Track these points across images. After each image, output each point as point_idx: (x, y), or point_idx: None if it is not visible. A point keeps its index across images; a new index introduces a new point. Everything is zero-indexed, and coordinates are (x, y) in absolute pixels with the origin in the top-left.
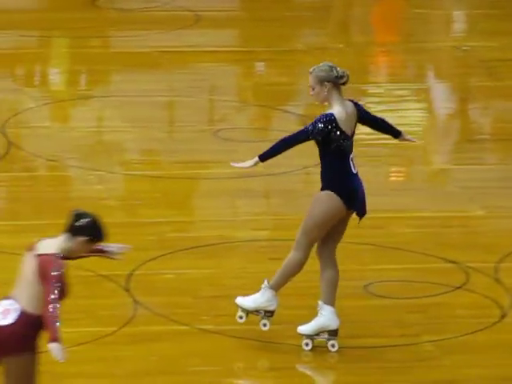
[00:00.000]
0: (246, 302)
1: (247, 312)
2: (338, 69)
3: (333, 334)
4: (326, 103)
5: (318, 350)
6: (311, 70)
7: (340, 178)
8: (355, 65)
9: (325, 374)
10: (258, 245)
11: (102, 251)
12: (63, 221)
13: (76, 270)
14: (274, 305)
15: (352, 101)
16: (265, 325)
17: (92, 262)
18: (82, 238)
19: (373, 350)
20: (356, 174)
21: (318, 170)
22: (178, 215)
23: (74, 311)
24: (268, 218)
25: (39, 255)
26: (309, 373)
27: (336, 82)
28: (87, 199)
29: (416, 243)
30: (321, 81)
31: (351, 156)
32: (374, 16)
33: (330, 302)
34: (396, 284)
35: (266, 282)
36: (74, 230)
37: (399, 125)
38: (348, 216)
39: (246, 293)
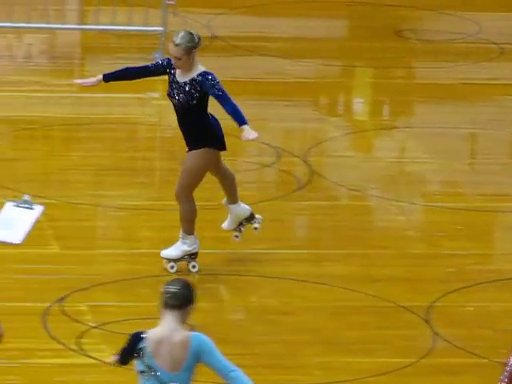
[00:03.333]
0: (171, 252)
1: (174, 260)
2: (195, 34)
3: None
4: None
5: None
6: (177, 41)
7: (213, 128)
8: None
9: None
10: None
11: None
12: (364, 251)
13: (376, 300)
14: (196, 248)
15: None
16: (194, 266)
17: (393, 293)
18: None
19: None
20: None
21: None
22: (479, 248)
23: (373, 342)
24: None
25: None
26: None
27: (198, 47)
28: (388, 230)
29: None
30: (190, 50)
31: None
32: None
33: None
34: None
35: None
36: None
37: None
38: None
39: None
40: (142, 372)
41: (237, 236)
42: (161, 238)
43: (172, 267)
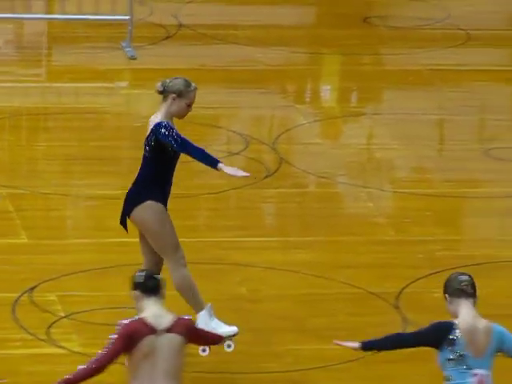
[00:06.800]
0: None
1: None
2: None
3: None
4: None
5: None
6: (195, 86)
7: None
8: None
9: None
10: None
11: None
12: (333, 238)
13: (345, 287)
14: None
15: None
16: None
17: (362, 279)
18: None
19: None
20: None
21: None
22: (447, 233)
23: (343, 328)
24: None
25: None
26: None
27: None
28: (357, 216)
29: None
30: None
31: None
32: None
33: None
34: None
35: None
36: None
37: None
38: None
39: None
40: (449, 360)
41: None
42: (130, 228)
43: (229, 346)
